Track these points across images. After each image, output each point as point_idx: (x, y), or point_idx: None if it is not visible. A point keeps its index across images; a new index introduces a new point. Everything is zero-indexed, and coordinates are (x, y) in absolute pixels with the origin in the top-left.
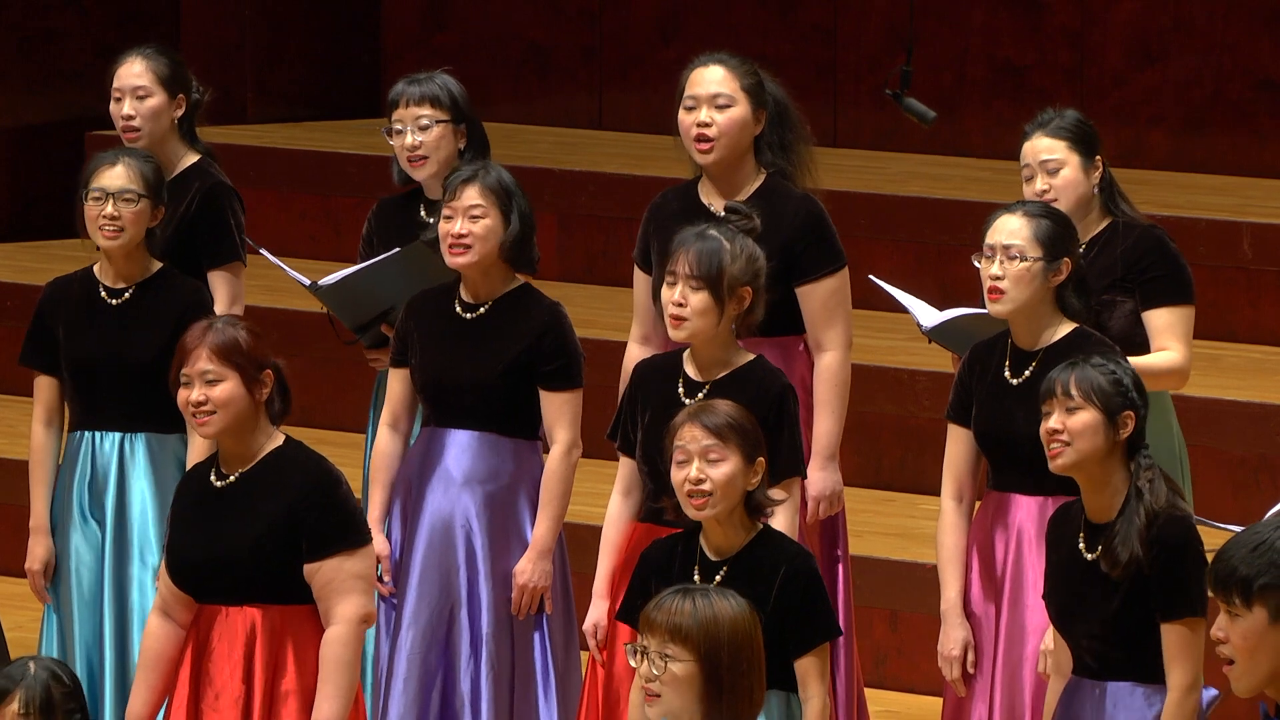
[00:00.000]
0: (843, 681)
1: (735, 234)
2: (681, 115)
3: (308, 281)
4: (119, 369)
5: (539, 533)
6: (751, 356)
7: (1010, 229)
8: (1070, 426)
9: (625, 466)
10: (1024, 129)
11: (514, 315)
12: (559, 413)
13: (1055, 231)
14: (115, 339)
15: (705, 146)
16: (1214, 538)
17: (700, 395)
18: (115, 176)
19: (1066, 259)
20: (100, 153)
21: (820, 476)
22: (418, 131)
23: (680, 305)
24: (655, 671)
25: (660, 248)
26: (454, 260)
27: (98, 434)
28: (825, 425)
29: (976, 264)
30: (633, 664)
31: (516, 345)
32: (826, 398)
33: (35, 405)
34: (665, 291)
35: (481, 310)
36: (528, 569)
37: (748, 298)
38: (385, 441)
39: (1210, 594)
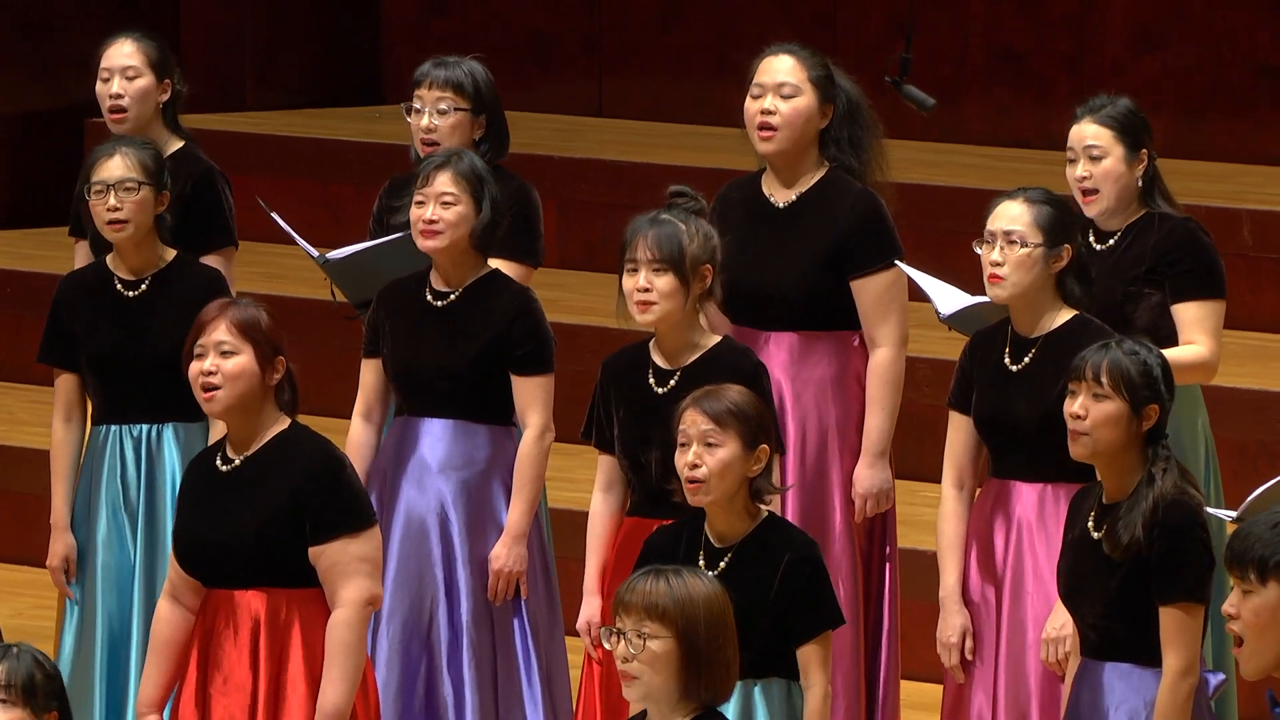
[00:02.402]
0: (884, 676)
1: (688, 215)
2: (747, 103)
3: (316, 253)
4: (141, 361)
5: (513, 518)
6: (718, 338)
7: (1011, 215)
8: (1094, 414)
9: (603, 463)
10: (1075, 111)
11: (484, 302)
12: (531, 398)
13: (1056, 218)
14: (136, 332)
15: (767, 135)
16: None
17: (672, 382)
18: (114, 168)
19: (1067, 245)
20: (98, 146)
21: (869, 474)
22: (435, 115)
23: (646, 290)
24: (633, 651)
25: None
26: (425, 244)
27: (124, 427)
28: (875, 422)
29: (978, 250)
30: (607, 646)
31: (487, 331)
32: (878, 394)
33: (55, 402)
34: (627, 280)
35: (452, 297)
36: (502, 554)
37: (709, 276)
38: (358, 432)
39: (1225, 570)
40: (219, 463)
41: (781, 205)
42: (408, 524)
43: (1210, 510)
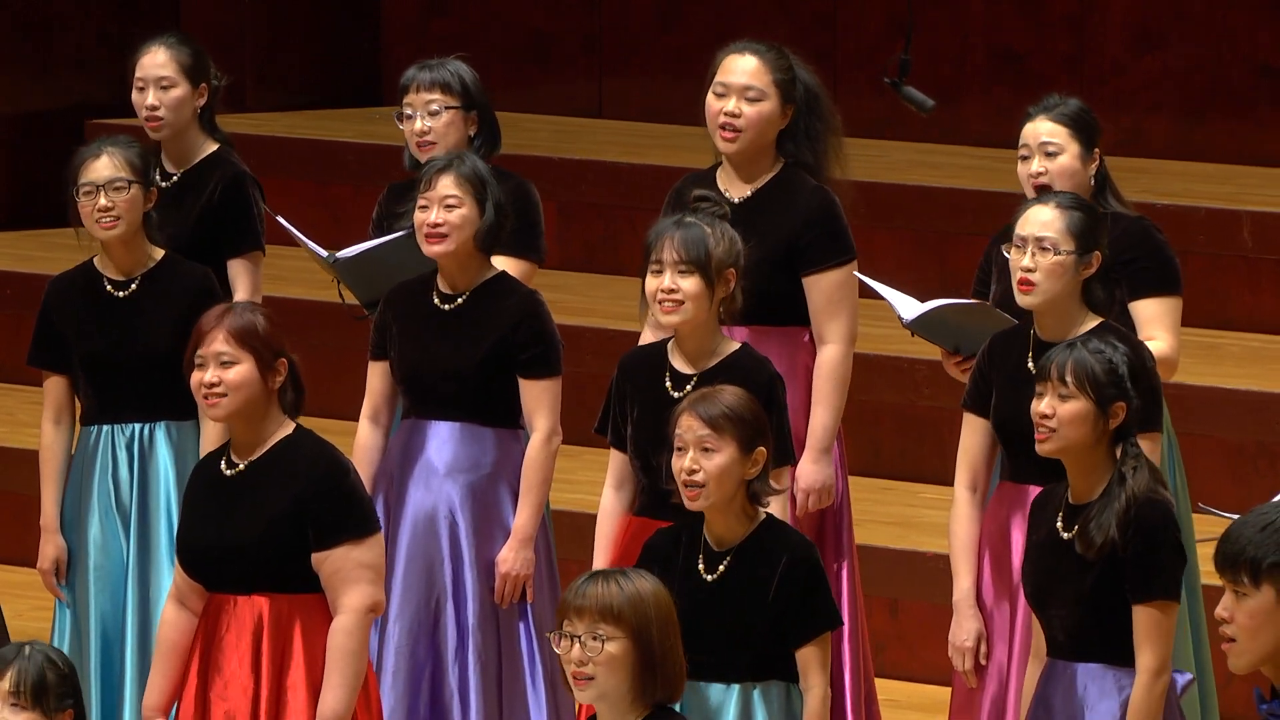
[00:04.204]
0: (849, 677)
1: (712, 219)
2: (710, 100)
3: (325, 253)
4: (133, 361)
5: (520, 521)
6: (737, 345)
7: (1043, 220)
8: (1060, 414)
9: (616, 460)
10: (1027, 110)
11: (491, 304)
12: (538, 401)
13: (1087, 224)
14: (126, 331)
15: (730, 136)
16: (1209, 524)
17: (688, 388)
18: (102, 168)
19: (1097, 252)
20: (82, 147)
21: (812, 470)
22: (427, 117)
23: (671, 291)
24: (590, 654)
25: None
26: (431, 249)
27: (116, 426)
28: (820, 418)
29: (1006, 254)
30: (558, 651)
31: (494, 334)
32: (824, 391)
33: (45, 404)
34: (651, 281)
35: (459, 301)
36: (509, 558)
37: (732, 280)
38: (366, 435)
39: (1217, 573)
40: (223, 467)
41: (737, 201)
42: (415, 526)
43: (1215, 512)
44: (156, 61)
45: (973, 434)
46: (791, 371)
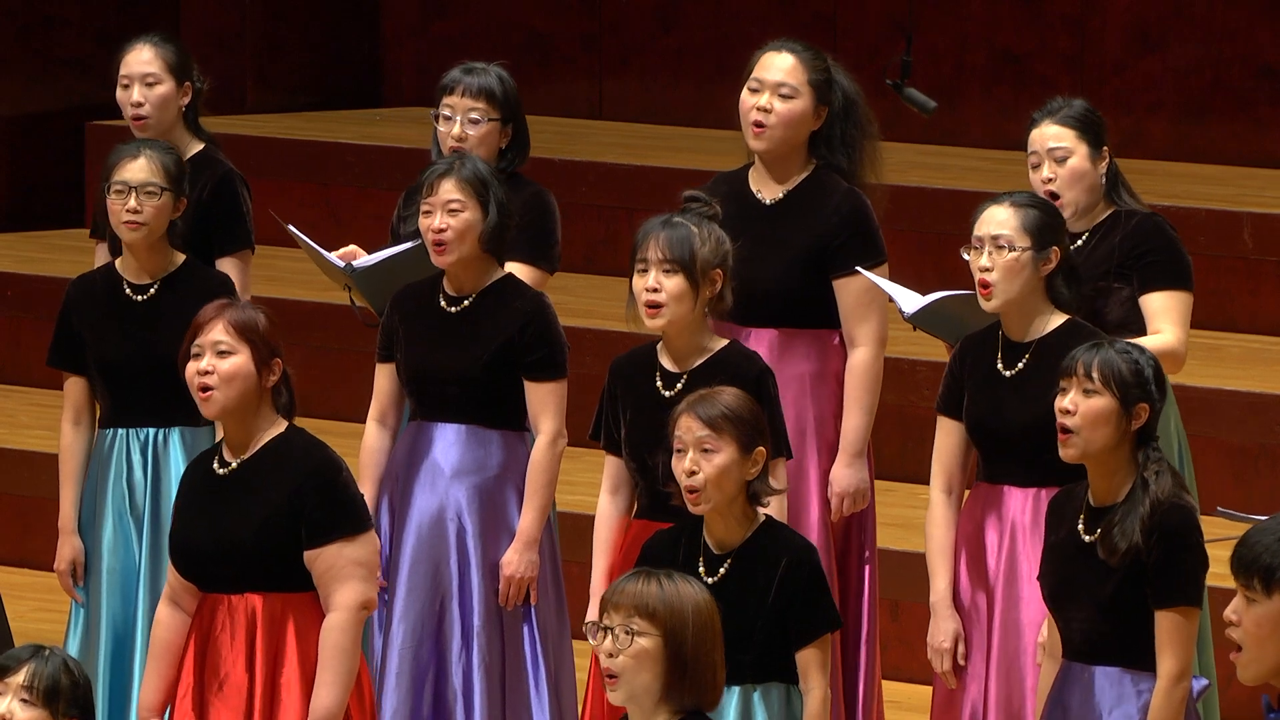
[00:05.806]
0: (863, 679)
1: (701, 220)
2: (744, 96)
3: (343, 264)
4: (149, 365)
5: (525, 523)
6: (725, 342)
7: (998, 220)
8: (1084, 410)
9: (611, 465)
10: (1032, 116)
11: (497, 307)
12: (543, 403)
13: (1043, 221)
14: (143, 336)
15: (759, 132)
16: (1214, 526)
17: (679, 386)
18: (138, 170)
19: (1055, 248)
20: (121, 145)
21: (846, 473)
22: (469, 124)
23: (655, 291)
24: (620, 646)
25: None
26: (439, 259)
27: (131, 430)
28: (853, 421)
29: (965, 256)
30: (592, 642)
31: (500, 337)
32: (856, 394)
33: (64, 405)
34: (637, 280)
35: (465, 303)
36: (514, 560)
37: (719, 280)
38: (372, 437)
39: (1232, 576)
40: (216, 466)
41: (769, 202)
42: (420, 528)
43: (1233, 513)
44: (142, 59)
45: (947, 437)
46: (821, 374)
